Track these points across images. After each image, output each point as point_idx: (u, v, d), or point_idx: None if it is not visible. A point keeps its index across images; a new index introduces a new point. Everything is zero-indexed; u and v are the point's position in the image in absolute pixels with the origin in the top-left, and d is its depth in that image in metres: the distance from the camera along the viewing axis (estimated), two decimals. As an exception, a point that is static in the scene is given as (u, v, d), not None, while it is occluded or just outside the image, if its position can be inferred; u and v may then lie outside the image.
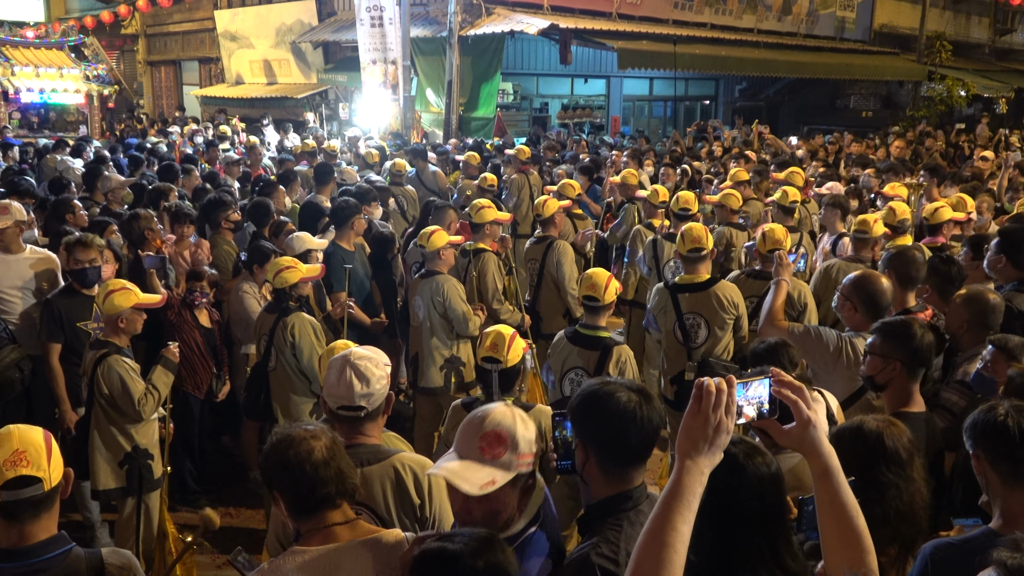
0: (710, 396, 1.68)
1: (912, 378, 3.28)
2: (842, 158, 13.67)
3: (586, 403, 2.20)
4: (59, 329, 5.03)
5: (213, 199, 6.79)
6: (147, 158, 11.02)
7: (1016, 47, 31.12)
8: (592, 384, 2.26)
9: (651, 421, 2.17)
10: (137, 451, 4.45)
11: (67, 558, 2.36)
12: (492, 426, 2.21)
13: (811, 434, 1.83)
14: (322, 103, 20.62)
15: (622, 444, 2.17)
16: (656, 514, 1.65)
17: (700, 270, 5.24)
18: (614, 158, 11.42)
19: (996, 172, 11.47)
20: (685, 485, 1.64)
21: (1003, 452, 2.35)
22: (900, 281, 4.26)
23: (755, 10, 21.78)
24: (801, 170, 9.12)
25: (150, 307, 4.55)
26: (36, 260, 5.50)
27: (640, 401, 2.17)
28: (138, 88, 26.32)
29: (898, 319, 3.41)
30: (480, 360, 3.74)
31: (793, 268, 4.76)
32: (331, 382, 2.80)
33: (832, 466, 1.84)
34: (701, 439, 1.66)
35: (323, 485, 2.27)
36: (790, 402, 1.83)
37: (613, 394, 2.17)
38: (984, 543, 2.35)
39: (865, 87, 26.22)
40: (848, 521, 1.82)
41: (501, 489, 2.17)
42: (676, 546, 1.60)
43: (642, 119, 25.20)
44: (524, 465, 2.22)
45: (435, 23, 17.39)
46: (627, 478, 2.21)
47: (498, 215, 6.42)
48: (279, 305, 4.94)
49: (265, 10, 22.13)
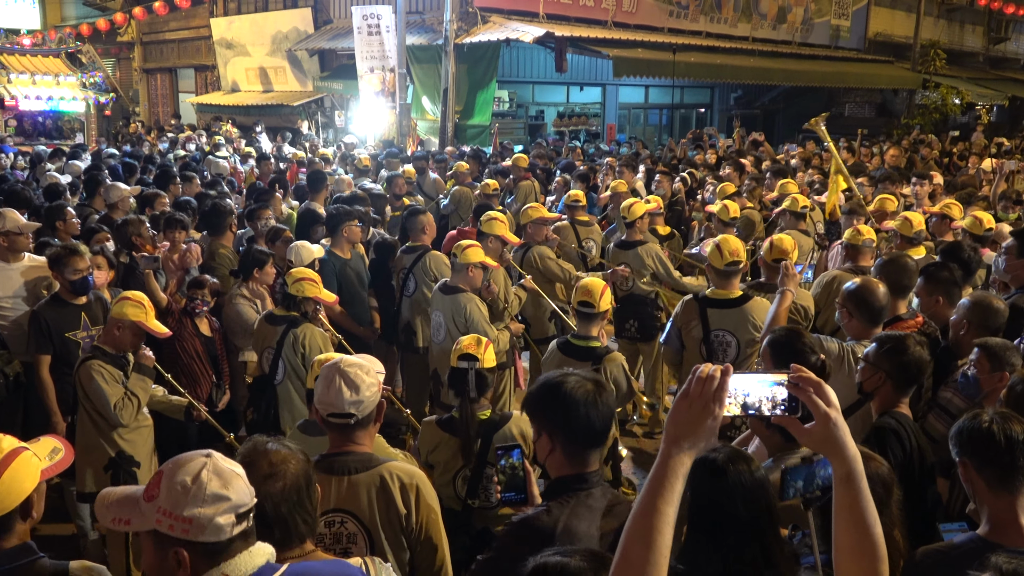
0: (701, 382, 1.66)
1: (899, 392, 3.31)
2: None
3: (549, 394, 2.47)
4: (47, 341, 5.00)
5: (214, 205, 6.79)
6: (143, 165, 11.03)
7: (1010, 55, 31.31)
8: (550, 376, 2.53)
9: (607, 406, 2.48)
10: (121, 457, 4.41)
11: (32, 567, 2.29)
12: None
13: (832, 433, 1.71)
14: (318, 111, 20.63)
15: (587, 427, 2.44)
16: (641, 498, 1.66)
17: (733, 284, 4.91)
18: (609, 163, 11.45)
19: (992, 180, 11.54)
20: (669, 468, 1.63)
21: (989, 458, 2.37)
22: (892, 289, 4.27)
23: (750, 18, 21.89)
24: (793, 181, 9.16)
25: (153, 333, 4.46)
26: (32, 268, 5.49)
27: (596, 389, 2.48)
28: (134, 96, 26.35)
29: (897, 333, 3.45)
30: (456, 360, 3.75)
31: (800, 278, 4.68)
32: (321, 389, 2.80)
33: (855, 471, 1.72)
34: (686, 423, 1.64)
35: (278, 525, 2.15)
36: (805, 398, 1.71)
37: (572, 383, 2.47)
38: (972, 549, 2.37)
39: (860, 95, 26.31)
40: (866, 529, 1.73)
41: None
42: (661, 528, 1.61)
43: (638, 127, 25.26)
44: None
45: (431, 31, 17.45)
46: (587, 460, 2.48)
47: (506, 234, 6.11)
48: (288, 314, 4.86)
49: (261, 18, 22.18)
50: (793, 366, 1.76)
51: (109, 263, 5.71)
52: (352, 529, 2.78)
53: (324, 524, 2.77)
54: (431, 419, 3.89)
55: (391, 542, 2.80)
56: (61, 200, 7.60)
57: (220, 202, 7.05)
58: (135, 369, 4.47)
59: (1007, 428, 2.37)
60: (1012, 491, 2.36)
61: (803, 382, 1.71)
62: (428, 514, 2.85)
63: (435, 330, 5.63)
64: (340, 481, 2.78)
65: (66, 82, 18.44)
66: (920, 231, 6.00)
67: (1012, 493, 2.36)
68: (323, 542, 2.76)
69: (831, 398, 1.71)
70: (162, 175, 9.18)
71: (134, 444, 4.48)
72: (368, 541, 2.79)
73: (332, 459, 2.82)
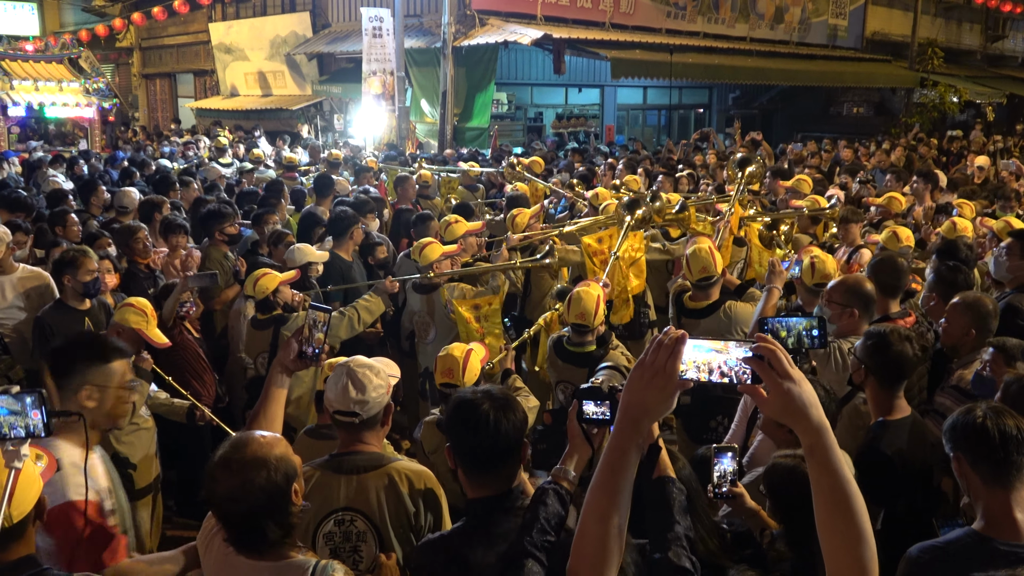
0: (656, 351, 1.64)
1: (887, 388, 3.30)
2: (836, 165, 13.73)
3: (450, 413, 2.43)
4: (50, 346, 5.02)
5: (211, 210, 6.78)
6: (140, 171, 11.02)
7: (1007, 53, 31.29)
8: (462, 394, 2.47)
9: (505, 428, 2.35)
10: (117, 459, 4.33)
11: None
12: None
13: (789, 403, 1.60)
14: (317, 115, 20.67)
15: (474, 451, 2.36)
16: (598, 473, 1.68)
17: (710, 295, 5.00)
18: (610, 163, 11.47)
19: (990, 179, 11.58)
20: (625, 439, 1.66)
21: (983, 453, 2.39)
22: (882, 289, 4.27)
23: (747, 19, 21.90)
24: (808, 178, 9.05)
25: (152, 343, 4.48)
26: (27, 278, 5.50)
27: (495, 411, 2.36)
28: (133, 101, 26.39)
29: (881, 329, 3.41)
30: (439, 383, 3.81)
31: (787, 276, 4.72)
32: (329, 386, 2.86)
33: (818, 442, 1.60)
34: (639, 390, 1.65)
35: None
36: (759, 367, 1.60)
37: (469, 405, 2.38)
38: (968, 544, 2.39)
39: (858, 94, 26.33)
40: (836, 505, 1.60)
41: None
42: (618, 502, 1.65)
43: (636, 128, 25.27)
44: None
45: (429, 34, 17.48)
46: (486, 483, 2.39)
47: (469, 226, 6.30)
48: (270, 316, 4.94)
49: (260, 22, 22.21)
50: (758, 335, 1.70)
51: (114, 267, 5.73)
52: (361, 528, 2.81)
53: (334, 523, 2.80)
54: (431, 420, 3.92)
55: (400, 540, 2.82)
56: (64, 206, 7.60)
57: (216, 207, 7.03)
58: (133, 372, 4.46)
59: (1000, 423, 2.38)
60: (1006, 486, 2.37)
61: (762, 351, 1.62)
62: (437, 512, 2.88)
63: (421, 329, 5.65)
64: (349, 480, 2.81)
65: (69, 88, 18.43)
66: (907, 247, 5.90)
67: (1006, 488, 2.37)
68: (333, 540, 2.79)
69: (786, 368, 1.61)
70: (161, 181, 9.20)
71: (131, 446, 4.44)
72: (377, 539, 2.81)
73: (341, 458, 2.86)
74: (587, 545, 1.67)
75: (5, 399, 2.13)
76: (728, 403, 4.42)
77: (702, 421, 4.80)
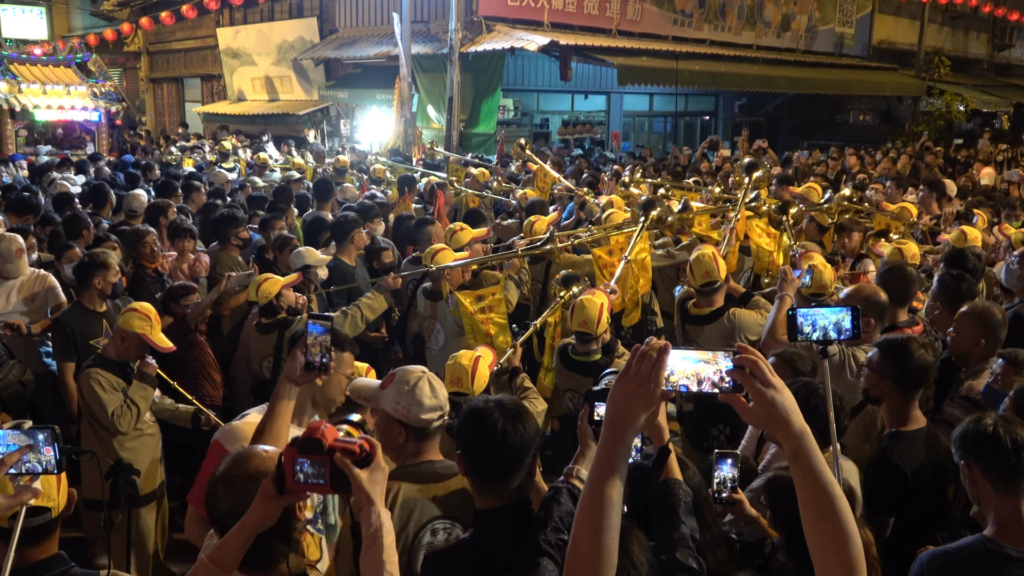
0: (639, 361, 1.65)
1: (907, 396, 3.29)
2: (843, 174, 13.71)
3: (462, 421, 2.42)
4: (72, 348, 5.02)
5: (224, 215, 6.80)
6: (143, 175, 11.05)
7: (1015, 62, 31.27)
8: (473, 403, 2.47)
9: (517, 439, 2.33)
10: (120, 465, 4.36)
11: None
12: None
13: (772, 411, 1.64)
14: (323, 120, 20.72)
15: (484, 461, 2.35)
16: (587, 484, 1.67)
17: (714, 301, 4.97)
18: (615, 170, 11.47)
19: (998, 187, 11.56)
20: (612, 451, 1.65)
21: (995, 460, 2.39)
22: (892, 298, 4.27)
23: (754, 26, 21.94)
24: (818, 186, 9.04)
25: (156, 348, 4.46)
26: (30, 280, 5.52)
27: (505, 421, 2.34)
28: (140, 105, 26.49)
29: (899, 337, 3.42)
30: (449, 395, 3.79)
31: (798, 284, 4.71)
32: (402, 393, 2.80)
33: (801, 448, 1.64)
34: (623, 401, 1.65)
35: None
36: (740, 377, 1.65)
37: (480, 413, 2.37)
38: (980, 550, 2.39)
39: (864, 102, 26.33)
40: (822, 507, 1.64)
41: None
42: (609, 513, 1.64)
43: (642, 135, 25.32)
44: None
45: (436, 40, 17.52)
46: (494, 494, 2.36)
47: (475, 233, 6.22)
48: (274, 320, 4.94)
49: (267, 27, 22.30)
50: (738, 345, 1.73)
51: (120, 271, 5.76)
52: (459, 535, 2.69)
53: (430, 533, 2.71)
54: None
55: None
56: (74, 210, 7.61)
57: (228, 212, 7.06)
58: (137, 377, 4.45)
59: (1011, 431, 2.40)
60: (1018, 492, 2.38)
61: (744, 361, 1.66)
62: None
63: (434, 336, 5.63)
64: (436, 489, 2.74)
65: (77, 92, 18.50)
66: (912, 264, 5.76)
67: (1018, 494, 2.38)
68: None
69: (768, 377, 1.64)
70: (164, 185, 9.21)
71: (135, 452, 4.45)
72: None
73: (416, 468, 2.78)
74: (580, 559, 1.66)
75: (18, 435, 2.12)
76: (729, 411, 4.25)
77: (703, 428, 4.82)
